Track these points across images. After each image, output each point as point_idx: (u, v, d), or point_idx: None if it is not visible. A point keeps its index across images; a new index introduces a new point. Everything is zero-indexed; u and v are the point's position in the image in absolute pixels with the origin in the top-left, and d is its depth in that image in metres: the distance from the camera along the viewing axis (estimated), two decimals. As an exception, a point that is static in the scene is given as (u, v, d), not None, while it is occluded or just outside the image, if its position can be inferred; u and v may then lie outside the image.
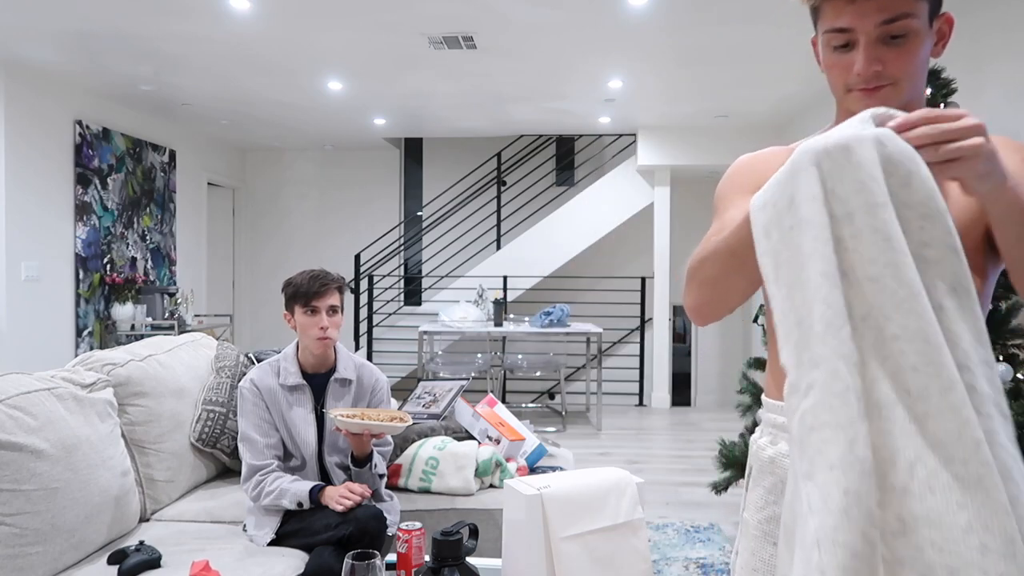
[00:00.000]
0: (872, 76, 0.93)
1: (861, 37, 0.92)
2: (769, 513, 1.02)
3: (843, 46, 0.95)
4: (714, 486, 3.36)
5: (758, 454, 1.06)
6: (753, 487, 1.06)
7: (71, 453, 1.84)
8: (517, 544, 1.27)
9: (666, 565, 3.13)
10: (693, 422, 6.42)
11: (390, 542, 2.06)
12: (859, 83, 0.94)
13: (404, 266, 7.92)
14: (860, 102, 0.95)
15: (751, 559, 1.04)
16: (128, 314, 5.75)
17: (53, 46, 4.43)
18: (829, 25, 0.95)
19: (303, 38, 4.27)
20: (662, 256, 6.82)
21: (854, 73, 0.94)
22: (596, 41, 4.30)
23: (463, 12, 3.83)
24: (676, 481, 4.49)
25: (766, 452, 1.04)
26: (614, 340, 7.49)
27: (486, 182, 7.55)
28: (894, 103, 0.94)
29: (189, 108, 6.12)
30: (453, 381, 3.10)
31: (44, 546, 1.72)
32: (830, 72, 0.99)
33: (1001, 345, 2.58)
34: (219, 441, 2.52)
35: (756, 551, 1.03)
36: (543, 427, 5.91)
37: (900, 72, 0.93)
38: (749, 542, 1.05)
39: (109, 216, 5.80)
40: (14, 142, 4.84)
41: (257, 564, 1.87)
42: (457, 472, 2.45)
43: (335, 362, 2.24)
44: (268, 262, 8.28)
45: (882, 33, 0.92)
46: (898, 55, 0.92)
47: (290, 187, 8.33)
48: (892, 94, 0.94)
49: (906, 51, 0.93)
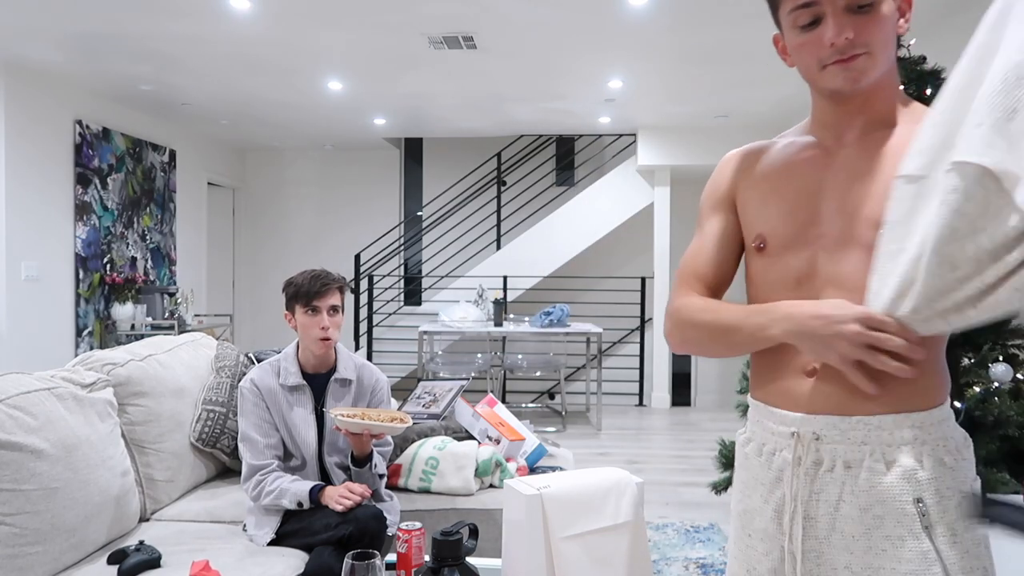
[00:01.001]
0: (846, 45, 0.93)
1: (828, 8, 0.93)
2: (744, 506, 1.05)
3: (810, 24, 0.95)
4: (714, 486, 3.36)
5: (739, 450, 1.09)
6: (736, 480, 1.10)
7: (71, 453, 1.84)
8: (517, 544, 1.27)
9: (666, 565, 3.13)
10: (693, 422, 6.42)
11: (390, 542, 2.06)
12: (833, 54, 0.94)
13: (404, 266, 7.92)
14: (837, 76, 0.95)
15: (734, 547, 1.09)
16: (128, 314, 5.75)
17: (53, 46, 4.43)
18: (793, 3, 0.95)
19: (303, 38, 4.27)
20: (662, 256, 6.82)
21: (826, 44, 0.93)
22: (596, 41, 4.30)
23: (463, 12, 3.84)
24: (676, 481, 4.49)
25: (744, 449, 1.07)
26: (614, 340, 7.49)
27: (486, 182, 7.55)
28: (871, 73, 0.95)
29: (189, 108, 6.12)
30: (453, 381, 3.10)
31: (44, 546, 1.72)
32: (800, 53, 0.98)
33: (1001, 345, 2.58)
34: (219, 441, 2.52)
35: (737, 541, 1.08)
36: (543, 427, 5.91)
37: (872, 39, 0.93)
38: (733, 531, 1.11)
39: (109, 216, 5.80)
40: (14, 142, 4.84)
41: (257, 564, 1.87)
42: (457, 472, 2.45)
43: (335, 362, 2.24)
44: (268, 262, 8.28)
45: (849, 2, 0.92)
46: (867, 23, 0.93)
47: (290, 187, 8.33)
48: (868, 63, 0.94)
49: (874, 19, 0.93)
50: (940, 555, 0.89)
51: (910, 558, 0.89)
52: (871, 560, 0.91)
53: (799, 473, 0.96)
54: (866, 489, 0.92)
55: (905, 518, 0.90)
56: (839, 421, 0.94)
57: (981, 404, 2.43)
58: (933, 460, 0.91)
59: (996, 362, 2.50)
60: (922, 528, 0.89)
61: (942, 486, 0.91)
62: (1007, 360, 2.53)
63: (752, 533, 1.03)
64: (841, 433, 0.94)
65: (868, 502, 0.92)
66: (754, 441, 1.05)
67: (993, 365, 2.49)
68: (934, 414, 0.93)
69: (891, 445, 0.92)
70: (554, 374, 6.97)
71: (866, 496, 0.92)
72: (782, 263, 1.02)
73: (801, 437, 0.96)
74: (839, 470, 0.94)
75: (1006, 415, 2.40)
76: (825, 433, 0.95)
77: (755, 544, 1.02)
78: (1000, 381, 2.46)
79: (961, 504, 0.91)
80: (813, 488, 0.95)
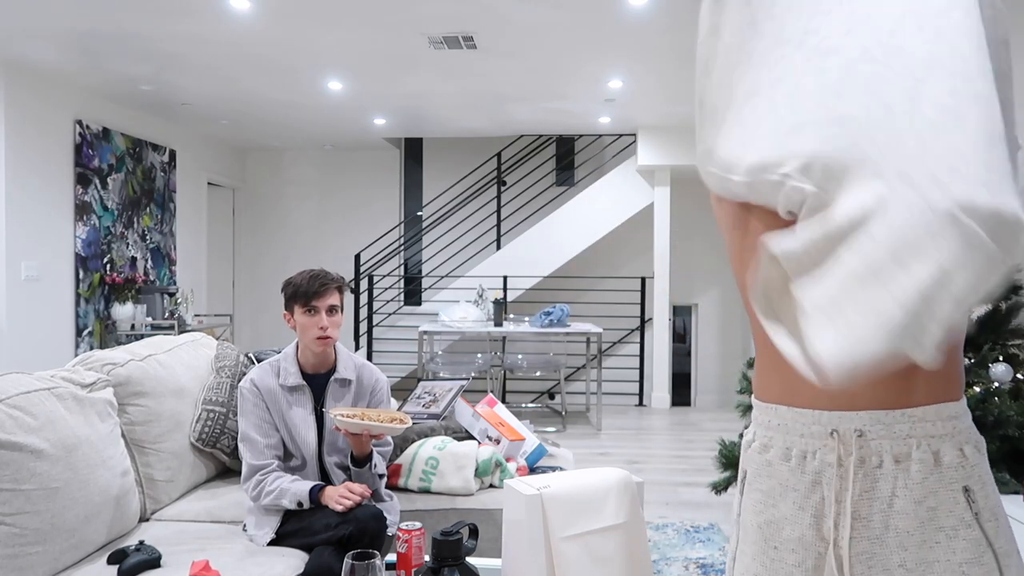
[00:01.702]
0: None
1: None
2: (768, 517, 1.01)
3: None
4: (714, 486, 3.36)
5: (753, 457, 1.05)
6: (749, 491, 1.05)
7: (71, 453, 1.84)
8: (517, 544, 1.27)
9: (666, 565, 3.13)
10: (693, 422, 6.42)
11: (390, 542, 2.06)
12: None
13: (404, 266, 7.92)
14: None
15: (752, 563, 1.04)
16: (128, 314, 5.75)
17: (53, 46, 4.43)
18: None
19: (303, 38, 4.27)
20: (662, 256, 6.82)
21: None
22: (596, 41, 4.30)
23: (463, 12, 3.84)
24: (676, 481, 4.49)
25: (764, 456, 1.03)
26: (614, 340, 7.49)
27: (486, 182, 7.55)
28: None
29: (189, 108, 6.12)
30: (453, 381, 3.10)
31: (44, 546, 1.72)
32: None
33: (1001, 345, 2.58)
34: (219, 441, 2.52)
35: (758, 555, 1.03)
36: (543, 427, 5.91)
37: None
38: (749, 546, 1.05)
39: (109, 216, 5.80)
40: (14, 142, 4.84)
41: (257, 564, 1.87)
42: (457, 472, 2.45)
43: (335, 362, 2.24)
44: (268, 262, 8.29)
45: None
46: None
47: (290, 187, 8.33)
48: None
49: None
50: (989, 541, 0.90)
51: (964, 547, 0.90)
52: (925, 554, 0.91)
53: (842, 473, 0.95)
54: (919, 482, 0.91)
55: (957, 507, 0.90)
56: (883, 415, 0.92)
57: (981, 404, 2.43)
58: (971, 448, 0.92)
59: (996, 362, 2.50)
60: (972, 516, 0.90)
61: (982, 472, 0.92)
62: (1007, 360, 2.53)
63: (779, 545, 0.99)
64: (886, 427, 0.92)
65: (922, 494, 0.91)
66: (776, 447, 1.01)
67: (993, 365, 2.49)
68: (962, 404, 0.94)
69: (935, 436, 0.92)
70: (554, 374, 6.97)
71: (920, 489, 0.91)
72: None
73: (842, 435, 0.95)
74: (888, 465, 0.92)
75: (1006, 415, 2.40)
76: (869, 429, 0.93)
77: (784, 556, 0.99)
78: (1000, 381, 2.46)
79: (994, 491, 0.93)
80: (863, 486, 0.94)
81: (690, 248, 7.41)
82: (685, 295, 7.48)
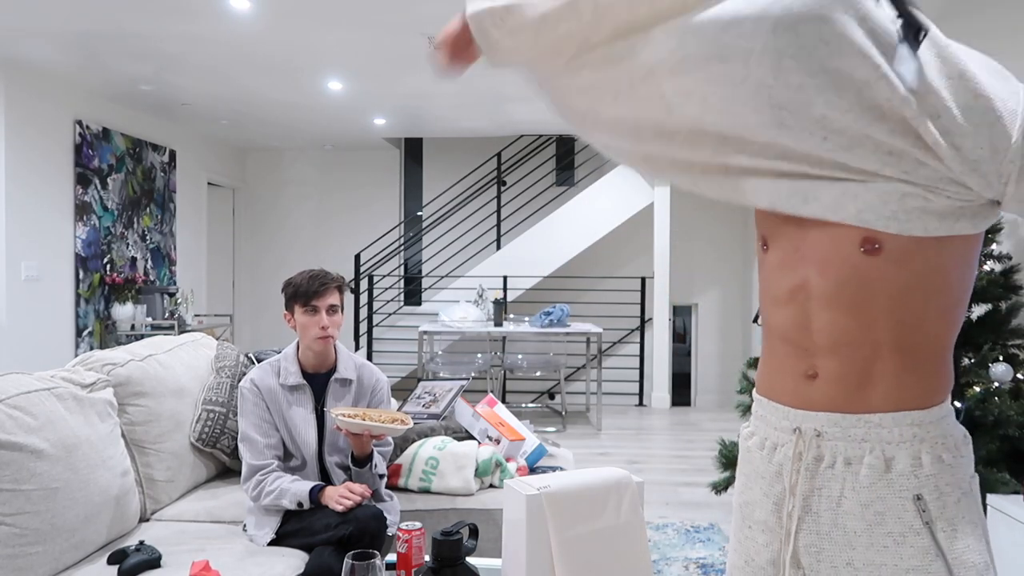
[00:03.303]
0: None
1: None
2: (746, 498, 1.08)
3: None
4: (714, 486, 3.36)
5: (742, 443, 1.11)
6: (738, 473, 1.12)
7: (71, 453, 1.84)
8: (517, 544, 1.27)
9: (666, 565, 3.14)
10: (693, 422, 6.42)
11: (390, 542, 2.06)
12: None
13: (404, 266, 7.92)
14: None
15: (733, 540, 1.12)
16: (128, 314, 5.75)
17: (53, 46, 4.43)
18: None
19: (303, 38, 4.27)
20: (662, 256, 6.81)
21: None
22: (596, 41, 4.29)
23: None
24: (676, 481, 4.49)
25: (747, 443, 1.10)
26: (614, 340, 7.49)
27: (486, 182, 7.55)
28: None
29: (189, 108, 6.12)
30: (453, 381, 3.10)
31: (44, 546, 1.72)
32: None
33: (1001, 345, 2.58)
34: (219, 441, 2.52)
35: (736, 532, 1.10)
36: (543, 427, 5.91)
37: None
38: (733, 523, 1.13)
39: (109, 216, 5.80)
40: (14, 142, 4.85)
41: (257, 564, 1.87)
42: (457, 472, 2.45)
43: (335, 362, 2.24)
44: (268, 262, 8.29)
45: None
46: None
47: (290, 187, 8.34)
48: None
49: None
50: (942, 550, 0.90)
51: (912, 554, 0.91)
52: (873, 556, 0.93)
53: (799, 468, 0.97)
54: (867, 486, 0.94)
55: (906, 515, 0.92)
56: (840, 419, 0.96)
57: (981, 404, 2.43)
58: (932, 457, 0.93)
59: (996, 362, 2.51)
60: (923, 524, 0.91)
61: (941, 483, 0.92)
62: (1007, 360, 2.53)
63: (752, 524, 1.06)
64: (842, 430, 0.96)
65: (869, 499, 0.93)
66: (757, 435, 1.07)
67: (993, 365, 2.49)
68: (933, 412, 0.94)
69: (890, 443, 0.93)
70: (554, 374, 6.97)
71: (867, 492, 0.94)
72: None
73: (803, 433, 0.98)
74: (839, 466, 0.96)
75: (1006, 415, 2.40)
76: (826, 430, 0.97)
77: (755, 535, 1.05)
78: (1000, 381, 2.46)
79: (961, 500, 0.92)
80: (815, 484, 0.97)
81: (690, 248, 7.41)
82: (685, 295, 7.48)
